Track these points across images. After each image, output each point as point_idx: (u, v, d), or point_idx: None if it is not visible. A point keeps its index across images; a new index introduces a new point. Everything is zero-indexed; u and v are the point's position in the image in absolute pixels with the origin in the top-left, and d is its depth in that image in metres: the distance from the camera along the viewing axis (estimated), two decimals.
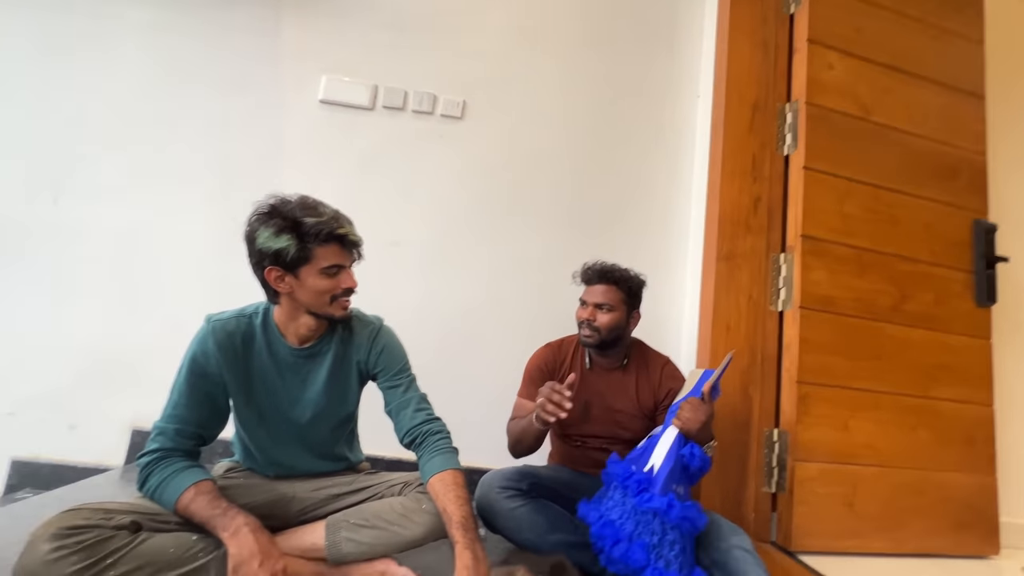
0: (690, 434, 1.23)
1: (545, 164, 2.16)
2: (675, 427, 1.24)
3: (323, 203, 1.13)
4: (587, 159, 2.19)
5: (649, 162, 2.22)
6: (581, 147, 2.19)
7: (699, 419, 1.23)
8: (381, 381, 1.21)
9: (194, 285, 1.93)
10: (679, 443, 1.22)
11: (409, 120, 2.13)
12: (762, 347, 1.76)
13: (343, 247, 1.11)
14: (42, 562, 0.80)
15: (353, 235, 1.12)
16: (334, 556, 1.05)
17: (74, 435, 1.85)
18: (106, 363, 1.90)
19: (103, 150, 1.98)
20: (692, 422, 1.23)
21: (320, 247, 1.07)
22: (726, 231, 1.83)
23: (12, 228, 1.91)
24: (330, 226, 1.07)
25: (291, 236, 1.05)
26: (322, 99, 2.09)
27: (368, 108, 2.11)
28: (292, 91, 2.09)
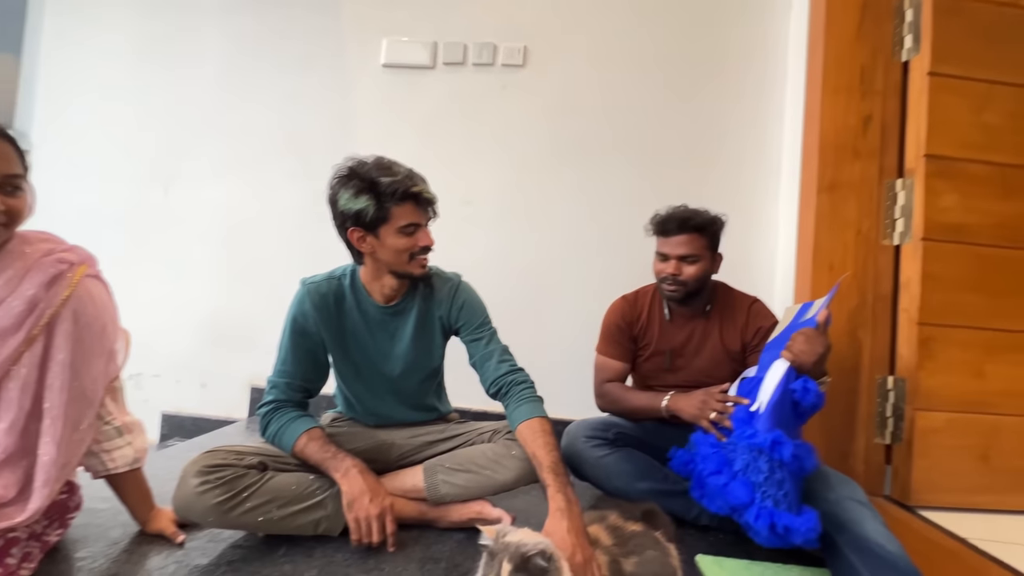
0: (803, 368, 1.10)
1: (616, 104, 2.02)
2: (785, 360, 1.12)
3: (397, 163, 1.14)
4: (663, 93, 2.02)
5: (734, 89, 2.00)
6: (655, 81, 2.02)
7: (815, 351, 1.09)
8: (464, 335, 1.24)
9: (289, 255, 2.09)
10: (789, 378, 1.10)
11: (471, 74, 2.08)
12: (874, 286, 1.56)
13: (418, 205, 1.12)
14: (193, 494, 0.93)
15: (427, 193, 1.13)
16: (433, 496, 1.12)
17: (206, 392, 2.13)
18: (224, 329, 2.13)
19: (197, 139, 2.16)
20: (807, 354, 1.09)
21: (396, 206, 1.09)
22: (828, 158, 1.61)
23: (134, 217, 2.17)
24: (405, 184, 1.08)
25: (369, 196, 1.08)
26: (384, 63, 2.09)
27: (429, 67, 2.09)
28: (355, 59, 2.12)
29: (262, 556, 0.99)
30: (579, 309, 1.97)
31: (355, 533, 0.99)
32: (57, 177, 2.12)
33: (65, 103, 2.20)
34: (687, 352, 1.43)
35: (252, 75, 2.15)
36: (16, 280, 0.83)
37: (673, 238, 1.35)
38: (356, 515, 0.99)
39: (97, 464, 0.97)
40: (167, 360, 2.13)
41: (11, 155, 0.82)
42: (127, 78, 2.18)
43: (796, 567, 1.09)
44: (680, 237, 1.34)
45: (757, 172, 1.96)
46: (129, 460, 0.99)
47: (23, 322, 0.82)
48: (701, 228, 1.34)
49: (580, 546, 0.85)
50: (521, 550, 0.73)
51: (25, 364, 0.83)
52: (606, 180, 2.01)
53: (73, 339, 0.87)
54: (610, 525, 1.00)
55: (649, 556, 0.94)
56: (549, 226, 2.03)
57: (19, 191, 0.83)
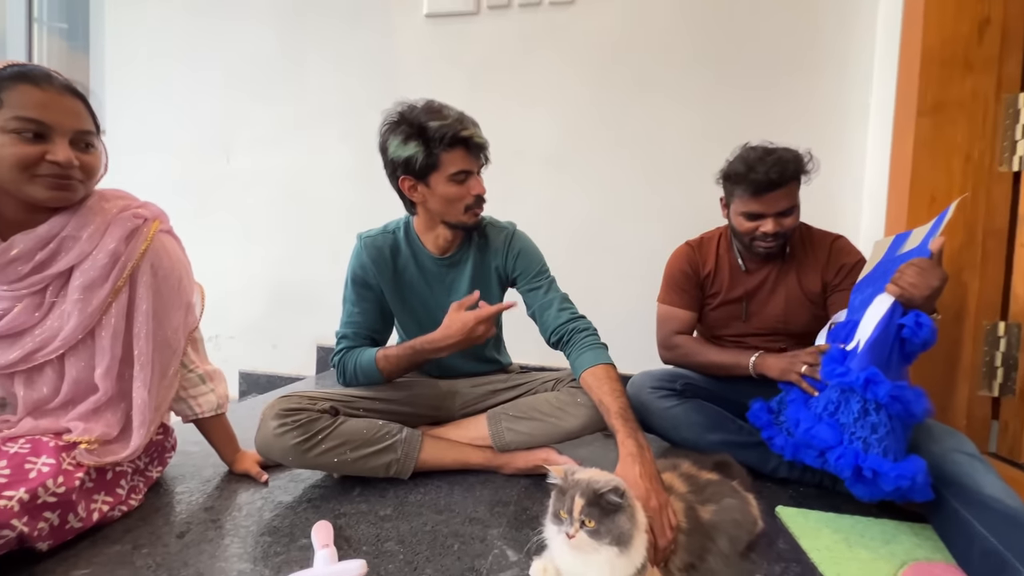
0: (912, 303, 0.95)
1: (676, 33, 1.85)
2: (890, 295, 0.98)
3: (448, 106, 1.09)
4: (729, 13, 1.81)
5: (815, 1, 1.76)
6: (720, 2, 1.82)
7: (928, 284, 0.93)
8: (521, 284, 1.21)
9: (348, 215, 2.12)
10: (895, 312, 0.97)
11: (516, 16, 1.97)
12: (985, 220, 1.37)
13: (469, 151, 1.08)
14: (272, 435, 0.98)
15: (478, 137, 1.08)
16: (499, 444, 1.12)
17: (276, 352, 2.25)
18: (289, 291, 2.23)
19: (253, 105, 2.20)
20: (918, 287, 0.93)
21: (446, 152, 1.05)
22: (931, 74, 1.40)
23: (200, 187, 2.27)
24: (454, 128, 1.04)
25: (418, 143, 1.04)
26: (427, 13, 2.02)
27: (473, 12, 1.99)
28: (398, 14, 2.06)
29: (339, 495, 1.03)
30: (638, 259, 1.88)
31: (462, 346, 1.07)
32: (127, 154, 2.25)
33: (129, 86, 2.30)
34: (760, 298, 1.32)
35: (301, 37, 2.15)
36: (98, 235, 0.87)
37: (770, 195, 1.17)
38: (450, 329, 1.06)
39: (186, 409, 1.04)
40: (241, 322, 2.26)
41: (83, 112, 0.85)
42: (184, 49, 2.25)
43: (891, 521, 1.01)
44: (779, 193, 1.17)
45: (841, 95, 1.73)
46: (213, 406, 1.06)
47: (109, 274, 0.87)
48: (797, 173, 1.18)
49: (655, 491, 0.82)
50: (594, 486, 0.71)
51: (114, 314, 0.89)
52: (665, 120, 1.87)
53: (153, 290, 0.92)
54: (683, 473, 0.96)
55: (728, 504, 0.89)
56: (604, 174, 1.93)
57: (92, 148, 0.86)
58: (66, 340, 0.85)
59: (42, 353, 0.85)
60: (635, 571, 0.71)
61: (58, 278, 0.85)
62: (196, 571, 0.78)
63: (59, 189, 0.82)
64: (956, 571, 0.85)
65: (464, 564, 0.82)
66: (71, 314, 0.85)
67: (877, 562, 0.87)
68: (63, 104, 0.82)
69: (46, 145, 0.79)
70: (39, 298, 0.85)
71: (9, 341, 0.84)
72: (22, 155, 0.78)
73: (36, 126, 0.78)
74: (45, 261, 0.83)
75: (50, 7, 2.51)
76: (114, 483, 0.90)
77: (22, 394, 0.86)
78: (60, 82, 0.83)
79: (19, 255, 0.81)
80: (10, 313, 0.83)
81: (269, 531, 0.89)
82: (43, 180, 0.80)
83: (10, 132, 0.77)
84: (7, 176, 0.78)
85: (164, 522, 0.91)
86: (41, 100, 0.79)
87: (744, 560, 0.86)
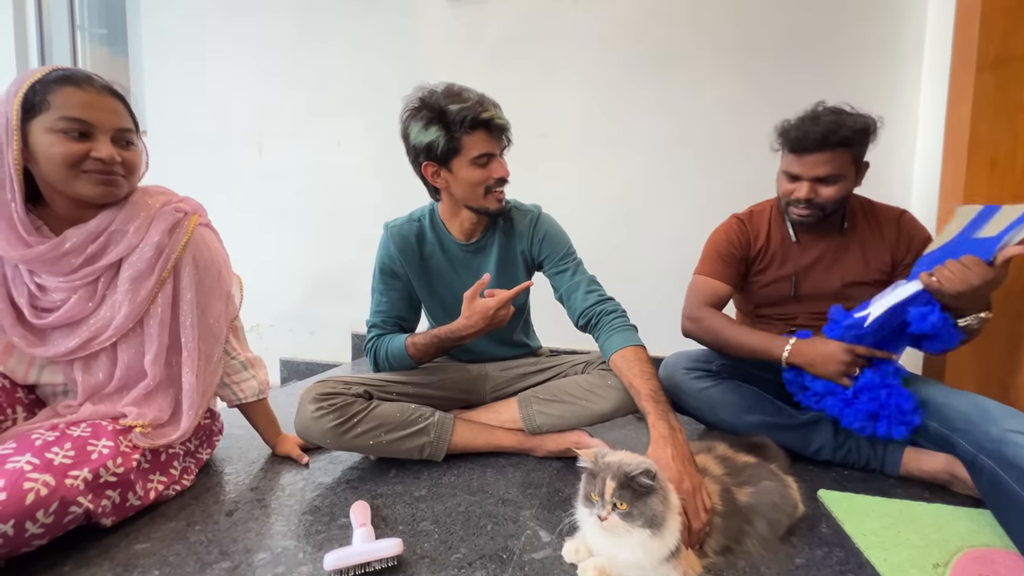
0: (941, 297, 0.94)
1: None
2: (920, 284, 0.96)
3: (468, 88, 1.08)
4: None
5: None
6: None
7: (965, 281, 0.91)
8: (547, 268, 1.19)
9: (375, 202, 2.15)
10: (915, 300, 0.97)
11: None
12: None
13: (490, 133, 1.06)
14: (310, 419, 1.01)
15: (499, 118, 1.06)
16: (530, 427, 1.12)
17: (314, 340, 2.33)
18: (324, 281, 2.29)
19: (281, 98, 2.25)
20: (952, 282, 0.92)
21: (467, 135, 1.04)
22: (995, 26, 1.28)
23: (235, 179, 2.34)
24: (474, 111, 1.03)
25: (439, 127, 1.04)
26: None
27: None
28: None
29: (376, 476, 1.06)
30: (671, 240, 1.83)
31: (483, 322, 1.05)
32: (167, 153, 2.35)
33: (166, 87, 2.39)
34: (814, 275, 1.23)
35: (322, 24, 2.16)
36: (143, 228, 0.92)
37: (810, 157, 1.09)
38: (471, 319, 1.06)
39: (230, 395, 1.09)
40: (280, 312, 2.35)
41: (122, 111, 0.89)
42: (214, 48, 2.31)
43: (945, 506, 0.95)
44: (819, 156, 1.08)
45: (893, 52, 1.60)
46: (255, 391, 1.10)
47: (154, 266, 0.93)
48: (848, 142, 1.06)
49: (687, 473, 0.80)
50: (624, 469, 0.70)
51: (160, 304, 0.94)
52: (697, 92, 1.78)
53: (195, 281, 0.97)
54: (719, 455, 0.94)
55: (765, 487, 0.87)
56: (634, 150, 1.87)
57: (132, 145, 0.91)
58: (118, 329, 0.91)
59: (97, 341, 0.91)
60: (669, 553, 0.70)
61: (108, 270, 0.90)
62: (244, 547, 0.82)
63: (104, 185, 0.86)
64: (1017, 558, 0.80)
65: (497, 544, 0.83)
66: (122, 304, 0.90)
67: (929, 548, 0.82)
68: (104, 104, 0.86)
69: (90, 143, 0.84)
70: (92, 289, 0.90)
71: (67, 330, 0.90)
72: (69, 153, 0.82)
73: (80, 125, 0.83)
74: (96, 254, 0.88)
75: (90, 14, 2.62)
76: (168, 464, 0.96)
77: (80, 379, 0.92)
78: (100, 83, 0.87)
79: (72, 248, 0.86)
80: (67, 304, 0.89)
81: (311, 510, 0.93)
82: (89, 176, 0.85)
83: (57, 132, 0.82)
84: (56, 174, 0.83)
85: (214, 501, 0.96)
86: (84, 100, 0.84)
87: (784, 544, 0.84)
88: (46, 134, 0.82)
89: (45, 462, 0.75)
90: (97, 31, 2.64)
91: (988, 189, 1.27)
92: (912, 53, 1.57)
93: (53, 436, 0.81)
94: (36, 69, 0.84)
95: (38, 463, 0.74)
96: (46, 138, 0.82)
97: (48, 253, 0.84)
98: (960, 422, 0.98)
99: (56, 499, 0.73)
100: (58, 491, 0.73)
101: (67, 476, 0.75)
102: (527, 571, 0.77)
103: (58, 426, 0.85)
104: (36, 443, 0.78)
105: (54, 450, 0.78)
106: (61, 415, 0.91)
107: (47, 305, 0.89)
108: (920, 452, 1.06)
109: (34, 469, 0.73)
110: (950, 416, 1.00)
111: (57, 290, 0.89)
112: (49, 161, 0.82)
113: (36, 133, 0.82)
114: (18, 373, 0.92)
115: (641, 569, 0.72)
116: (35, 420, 0.90)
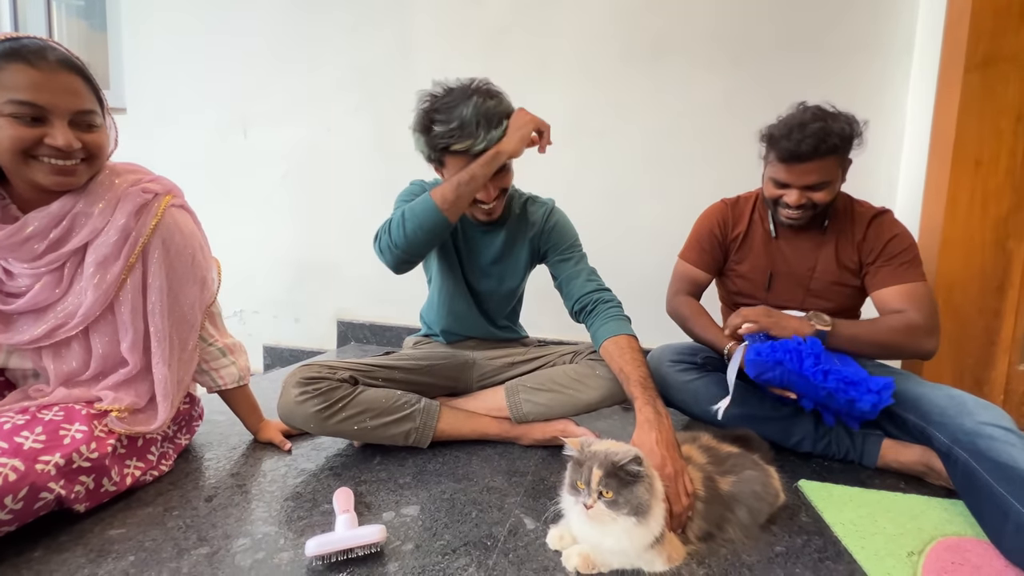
0: None
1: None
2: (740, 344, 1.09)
3: (467, 102, 1.00)
4: None
5: None
6: None
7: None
8: (552, 257, 1.19)
9: (363, 190, 2.11)
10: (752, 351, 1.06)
11: None
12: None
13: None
14: (293, 403, 1.00)
15: (475, 149, 1.00)
16: (516, 415, 1.12)
17: (299, 327, 2.29)
18: (309, 267, 2.25)
19: (269, 79, 2.18)
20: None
21: (449, 156, 1.03)
22: (983, 27, 1.30)
23: (218, 164, 2.28)
24: (447, 141, 1.00)
25: (425, 139, 1.04)
26: None
27: None
28: None
29: (360, 463, 1.05)
30: (657, 233, 1.83)
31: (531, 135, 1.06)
32: (147, 133, 2.27)
33: (147, 64, 2.30)
34: (788, 270, 1.25)
35: (314, 5, 2.10)
36: (109, 210, 0.85)
37: (800, 166, 1.09)
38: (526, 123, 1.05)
39: (209, 381, 1.07)
40: (265, 298, 2.30)
41: (82, 89, 0.80)
42: (199, 24, 2.23)
43: (919, 497, 0.98)
44: (811, 165, 1.08)
45: (883, 50, 1.60)
46: (235, 378, 1.08)
47: (120, 250, 0.86)
48: (838, 148, 1.07)
49: (671, 458, 0.81)
50: (612, 458, 0.70)
51: (129, 289, 0.89)
52: (688, 86, 1.78)
53: (166, 266, 0.91)
54: (703, 445, 0.95)
55: (748, 476, 0.88)
56: (625, 142, 1.87)
57: (94, 127, 0.82)
58: (86, 316, 0.86)
59: (64, 329, 0.86)
60: (653, 540, 0.71)
61: (74, 255, 0.85)
62: (223, 533, 0.81)
63: (61, 174, 0.79)
64: (988, 547, 0.82)
65: (482, 531, 0.83)
66: (87, 290, 0.85)
67: (904, 537, 0.85)
68: (60, 82, 0.76)
69: (44, 128, 0.76)
70: (58, 275, 0.85)
71: (34, 317, 0.86)
72: (19, 138, 0.75)
73: (32, 109, 0.74)
74: (60, 239, 0.83)
75: None
76: (145, 449, 0.94)
77: (52, 367, 0.88)
78: (56, 56, 0.77)
79: (34, 233, 0.81)
80: (32, 290, 0.84)
81: (292, 496, 0.92)
82: (43, 165, 0.78)
83: (7, 116, 0.74)
84: (6, 160, 0.76)
85: (193, 487, 0.94)
86: (36, 81, 0.74)
87: (765, 532, 0.85)
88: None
89: (14, 446, 0.72)
90: (74, 2, 2.53)
91: (971, 188, 1.30)
92: (902, 51, 1.58)
93: (23, 420, 0.78)
94: None
95: (6, 447, 0.71)
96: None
97: (8, 239, 0.78)
98: (936, 415, 1.00)
99: (25, 485, 0.70)
100: (28, 476, 0.71)
101: (38, 461, 0.73)
102: (511, 558, 0.77)
103: (29, 409, 0.82)
104: (5, 427, 0.75)
105: (24, 434, 0.75)
106: (32, 398, 0.87)
107: (13, 290, 0.85)
108: (897, 444, 1.09)
109: (2, 453, 0.70)
110: (926, 409, 1.02)
111: (23, 275, 0.84)
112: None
113: None
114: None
115: (625, 556, 0.73)
116: (4, 402, 0.86)
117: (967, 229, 1.29)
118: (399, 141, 2.09)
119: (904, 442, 1.08)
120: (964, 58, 1.30)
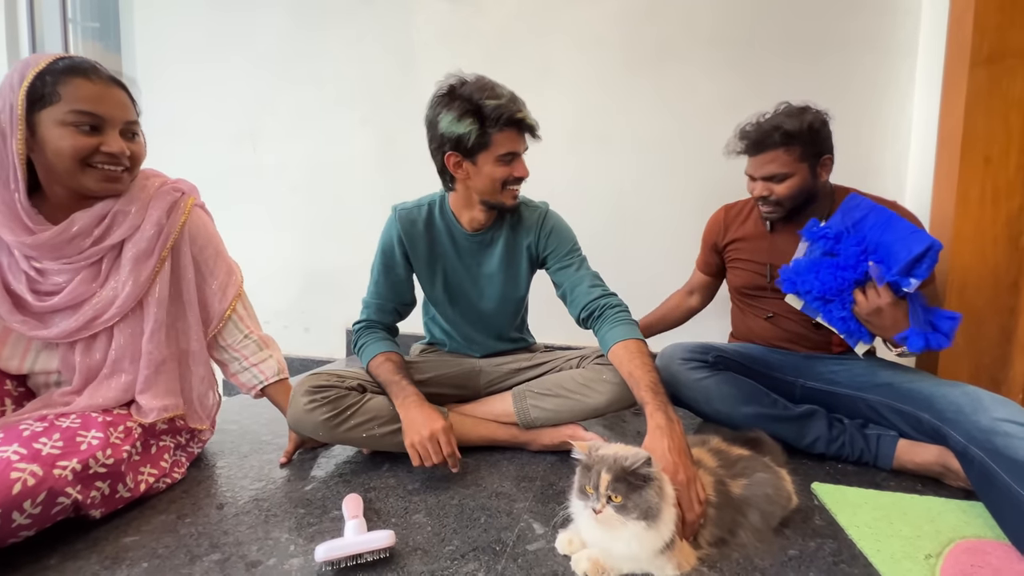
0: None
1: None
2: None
3: (500, 84, 1.06)
4: None
5: None
6: None
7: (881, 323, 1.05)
8: (552, 264, 1.18)
9: (369, 200, 2.13)
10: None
11: None
12: None
13: (520, 132, 1.06)
14: (303, 411, 1.00)
15: (530, 119, 1.06)
16: (524, 421, 1.12)
17: (309, 336, 2.31)
18: (319, 277, 2.27)
19: (276, 93, 2.23)
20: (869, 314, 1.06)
21: (499, 132, 1.03)
22: (989, 21, 1.29)
23: (230, 176, 2.32)
24: (509, 110, 1.02)
25: (473, 120, 1.02)
26: None
27: None
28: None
29: (369, 471, 1.06)
30: (664, 234, 1.83)
31: (414, 459, 0.96)
32: (158, 148, 2.31)
33: (159, 82, 2.36)
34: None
35: (318, 19, 2.15)
36: (144, 209, 0.94)
37: (756, 157, 1.17)
38: (411, 441, 0.96)
39: (251, 379, 1.09)
40: (275, 309, 2.33)
41: (128, 103, 0.90)
42: (209, 42, 2.28)
43: (936, 498, 0.96)
44: (763, 156, 1.15)
45: (887, 47, 1.59)
46: (275, 371, 1.11)
47: (155, 245, 0.94)
48: (787, 140, 1.11)
49: (683, 464, 0.80)
50: (621, 462, 0.70)
51: (159, 282, 0.95)
52: (691, 90, 1.78)
53: (194, 260, 1.00)
54: (713, 448, 0.94)
55: (759, 479, 0.87)
56: (628, 146, 1.87)
57: (137, 136, 0.92)
58: (121, 308, 0.91)
59: (99, 321, 0.91)
60: (663, 545, 0.70)
61: (111, 250, 0.91)
62: (235, 539, 0.82)
63: (109, 180, 0.88)
64: (1009, 549, 0.80)
65: (491, 536, 0.83)
66: (126, 283, 0.91)
67: (921, 539, 0.83)
68: (113, 96, 0.87)
69: (101, 137, 0.85)
70: (95, 270, 0.91)
71: (70, 311, 0.90)
72: (80, 146, 0.83)
73: (92, 119, 0.83)
74: (102, 235, 0.90)
75: (83, 7, 2.59)
76: (159, 456, 0.95)
77: (79, 361, 0.92)
78: (106, 74, 0.87)
79: (80, 231, 0.87)
80: (70, 284, 0.89)
81: (303, 503, 0.93)
82: (97, 172, 0.86)
83: (68, 125, 0.82)
84: (64, 166, 0.83)
85: (205, 494, 0.96)
86: (95, 93, 0.84)
87: (778, 536, 0.84)
88: (56, 127, 0.82)
89: (33, 452, 0.74)
90: (89, 25, 2.61)
91: (982, 185, 1.28)
92: (906, 48, 1.57)
93: (42, 427, 0.80)
94: (39, 56, 0.83)
95: (25, 453, 0.73)
96: (56, 131, 0.82)
97: (55, 238, 0.85)
98: (951, 412, 0.98)
99: (44, 489, 0.72)
100: (46, 481, 0.72)
101: (55, 466, 0.75)
102: (520, 563, 0.76)
103: (47, 417, 0.84)
104: (24, 433, 0.77)
105: (42, 440, 0.77)
106: (52, 405, 0.90)
107: (48, 288, 0.89)
108: (913, 444, 1.07)
109: (21, 459, 0.72)
110: (941, 406, 1.00)
111: (59, 272, 0.89)
112: (58, 154, 0.83)
113: (45, 125, 0.82)
114: (12, 363, 0.91)
115: (636, 561, 0.72)
116: (23, 411, 0.89)
117: (979, 227, 1.27)
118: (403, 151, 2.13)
119: (920, 442, 1.06)
120: (969, 54, 1.29)
